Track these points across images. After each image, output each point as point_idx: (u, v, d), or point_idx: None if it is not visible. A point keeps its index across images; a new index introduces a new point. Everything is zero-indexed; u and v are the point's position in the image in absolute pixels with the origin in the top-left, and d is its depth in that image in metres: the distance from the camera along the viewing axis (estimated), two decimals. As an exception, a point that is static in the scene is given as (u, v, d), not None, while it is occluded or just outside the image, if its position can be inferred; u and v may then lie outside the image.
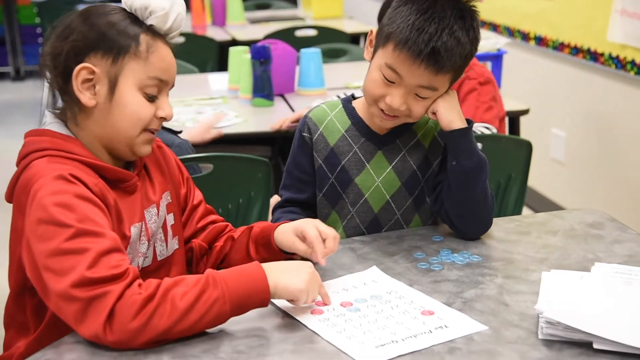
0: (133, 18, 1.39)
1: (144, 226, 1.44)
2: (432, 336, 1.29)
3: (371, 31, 1.65)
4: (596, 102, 3.61)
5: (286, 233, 1.50)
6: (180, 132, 2.26)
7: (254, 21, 5.25)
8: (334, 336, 1.29)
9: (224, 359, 1.23)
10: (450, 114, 1.60)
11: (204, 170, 2.29)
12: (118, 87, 1.37)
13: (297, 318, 1.35)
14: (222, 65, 4.36)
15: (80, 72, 1.35)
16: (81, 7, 1.46)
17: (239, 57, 3.24)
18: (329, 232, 1.46)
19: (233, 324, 1.33)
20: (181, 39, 4.01)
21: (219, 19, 5.16)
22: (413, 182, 1.71)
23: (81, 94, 1.36)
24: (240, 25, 5.13)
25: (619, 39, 3.28)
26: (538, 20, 3.96)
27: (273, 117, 2.97)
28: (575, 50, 3.64)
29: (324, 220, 1.74)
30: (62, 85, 1.38)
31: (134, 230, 1.41)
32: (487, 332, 1.30)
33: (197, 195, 1.63)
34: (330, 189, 1.72)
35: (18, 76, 7.33)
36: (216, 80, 3.55)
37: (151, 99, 1.40)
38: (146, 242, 1.45)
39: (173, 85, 1.45)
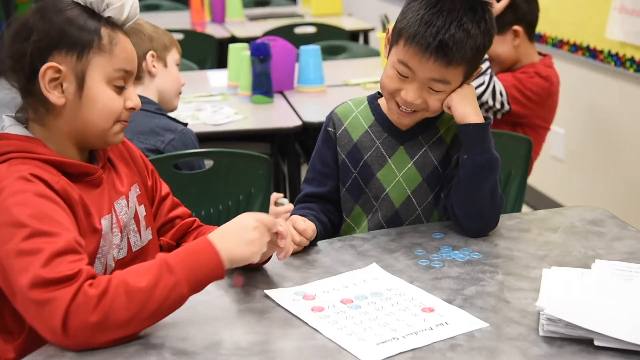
0: (90, 12, 1.38)
1: (114, 217, 1.44)
2: (433, 333, 1.29)
3: (388, 29, 1.67)
4: (595, 100, 3.61)
5: None
6: (186, 124, 2.26)
7: (253, 18, 5.24)
8: (335, 333, 1.29)
9: (225, 355, 1.23)
10: (464, 108, 1.61)
11: (204, 166, 2.29)
12: (86, 83, 1.37)
13: (298, 315, 1.35)
14: (221, 62, 4.35)
15: (46, 72, 1.34)
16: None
17: (239, 54, 3.24)
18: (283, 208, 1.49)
19: (234, 320, 1.33)
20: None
21: (218, 16, 5.15)
22: (434, 177, 1.71)
23: (49, 94, 1.35)
24: (240, 22, 5.13)
25: (618, 36, 3.29)
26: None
27: (272, 114, 2.97)
28: (574, 48, 3.64)
29: (348, 214, 1.77)
30: (26, 86, 1.37)
31: (104, 223, 1.41)
32: (488, 329, 1.30)
33: (164, 187, 1.64)
34: (353, 183, 1.74)
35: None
36: (215, 77, 3.55)
37: (119, 90, 1.41)
38: (119, 233, 1.45)
39: (135, 75, 1.46)
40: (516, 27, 2.66)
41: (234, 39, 4.49)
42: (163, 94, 2.26)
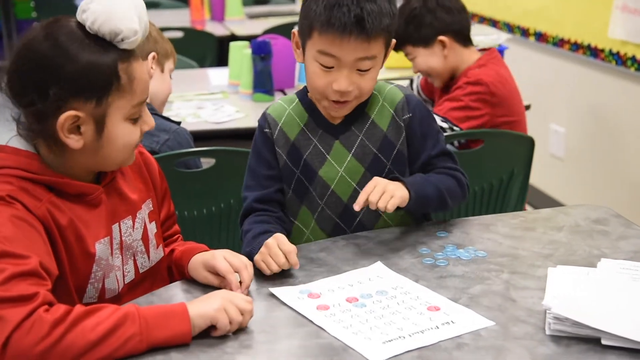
0: (102, 42, 1.31)
1: (113, 240, 1.41)
2: (439, 332, 1.28)
3: (293, 33, 1.66)
4: (596, 98, 3.61)
5: (198, 269, 1.47)
6: (179, 122, 2.25)
7: (252, 16, 5.23)
8: (341, 332, 1.28)
9: (230, 354, 1.23)
10: (398, 193, 1.58)
11: (200, 165, 2.28)
12: (106, 126, 1.33)
13: (303, 314, 1.34)
14: (221, 60, 4.34)
15: (65, 120, 1.29)
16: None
17: (240, 52, 3.23)
18: (239, 263, 1.42)
19: (239, 319, 1.33)
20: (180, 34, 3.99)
21: (218, 14, 5.14)
22: (377, 165, 1.69)
23: (67, 139, 1.31)
24: (239, 20, 5.11)
25: (619, 35, 3.28)
26: (538, 17, 3.96)
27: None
28: (576, 47, 3.64)
29: (295, 217, 1.73)
30: (37, 125, 1.31)
31: (99, 247, 1.37)
32: (494, 328, 1.30)
33: (172, 206, 1.63)
34: (298, 184, 1.71)
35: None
36: (216, 75, 3.54)
37: (136, 120, 1.38)
38: (119, 255, 1.42)
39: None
40: (442, 38, 2.61)
41: (233, 37, 4.47)
42: (153, 97, 2.24)
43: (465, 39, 2.67)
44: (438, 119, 2.51)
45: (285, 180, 1.71)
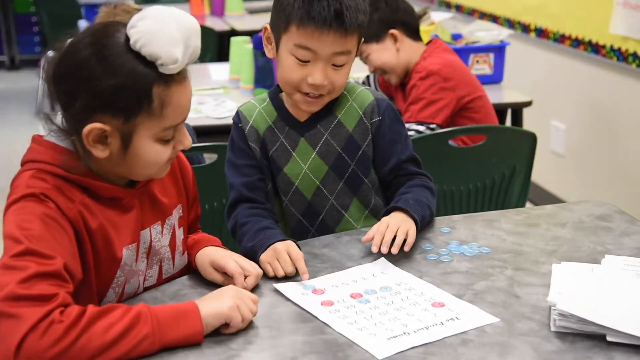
0: (143, 62, 1.26)
1: (139, 246, 1.40)
2: (444, 328, 1.28)
3: (265, 28, 1.65)
4: (597, 95, 3.61)
5: (204, 265, 1.46)
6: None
7: (252, 11, 5.22)
8: (346, 328, 1.28)
9: (236, 350, 1.23)
10: (412, 232, 1.57)
11: (203, 161, 2.28)
12: (132, 143, 1.30)
13: (308, 309, 1.34)
14: (221, 55, 4.33)
15: (90, 132, 1.27)
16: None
17: (241, 48, 3.22)
18: (251, 268, 1.42)
19: (244, 315, 1.32)
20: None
21: (218, 9, 5.13)
22: (340, 164, 1.70)
23: (92, 148, 1.28)
24: (239, 15, 5.11)
25: (621, 31, 3.28)
26: (539, 12, 3.95)
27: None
28: (577, 43, 3.64)
29: (276, 209, 1.73)
30: (68, 124, 1.30)
31: (126, 252, 1.36)
32: (499, 324, 1.29)
33: (199, 210, 1.62)
34: (270, 178, 1.72)
35: (13, 65, 7.28)
36: (217, 71, 3.53)
37: (167, 141, 1.34)
38: (145, 259, 1.41)
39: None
40: (392, 31, 2.63)
41: (233, 32, 4.46)
42: None
43: (414, 33, 2.71)
44: (413, 126, 2.53)
45: (264, 172, 1.71)
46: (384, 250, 1.52)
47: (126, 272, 1.38)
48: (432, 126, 2.53)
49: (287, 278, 1.46)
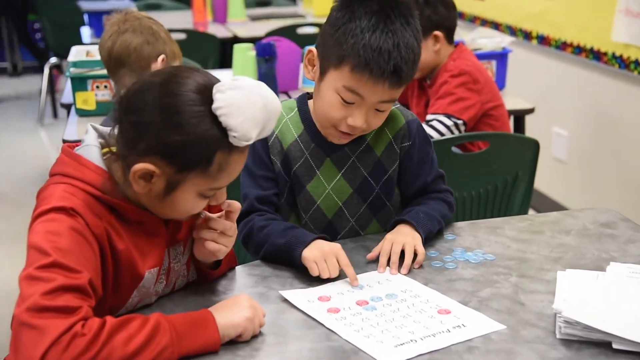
0: (216, 124, 1.24)
1: (161, 269, 1.39)
2: (451, 335, 1.28)
3: (310, 50, 1.61)
4: (599, 102, 3.61)
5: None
6: None
7: (254, 18, 5.23)
8: (353, 335, 1.29)
9: (242, 357, 1.23)
10: (420, 249, 1.56)
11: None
12: (175, 191, 1.29)
13: (314, 316, 1.34)
14: (223, 62, 4.34)
15: (140, 169, 1.26)
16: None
17: (244, 55, 3.22)
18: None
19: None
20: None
21: (220, 16, 5.14)
22: (365, 188, 1.68)
23: (135, 182, 1.27)
24: (242, 22, 5.11)
25: (623, 38, 3.29)
26: (541, 20, 3.96)
27: (278, 115, 2.95)
28: (578, 50, 3.65)
29: None
30: (123, 151, 1.28)
31: (147, 276, 1.36)
32: (504, 332, 1.30)
33: None
34: (289, 192, 1.69)
35: (15, 72, 7.30)
36: (220, 77, 3.53)
37: (207, 197, 1.33)
38: (164, 281, 1.41)
39: None
40: (437, 33, 2.67)
41: (236, 39, 4.47)
42: None
43: (452, 37, 2.76)
44: (440, 117, 2.58)
45: (280, 188, 1.69)
46: (393, 272, 1.51)
47: (142, 293, 1.38)
48: (459, 122, 2.59)
49: (292, 281, 1.47)
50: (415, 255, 1.54)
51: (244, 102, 1.24)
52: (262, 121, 1.26)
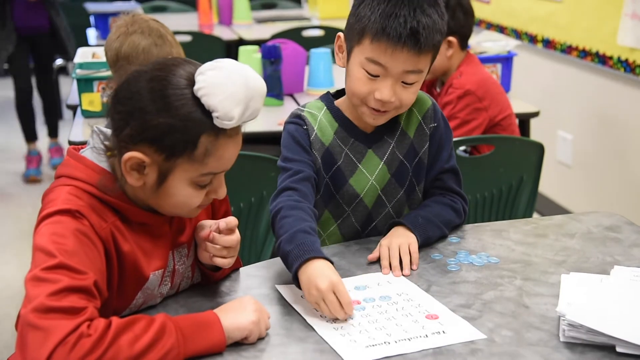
0: (200, 108, 1.26)
1: (166, 271, 1.40)
2: (427, 340, 1.28)
3: (338, 36, 1.63)
4: (604, 105, 3.61)
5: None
6: None
7: (260, 21, 5.24)
8: (329, 332, 1.30)
9: (246, 357, 1.23)
10: (413, 247, 1.57)
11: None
12: (167, 180, 1.30)
13: (299, 311, 1.36)
14: (229, 64, 4.35)
15: (130, 158, 1.27)
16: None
17: (249, 57, 3.23)
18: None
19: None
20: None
21: (226, 18, 5.16)
22: (401, 172, 1.70)
23: (128, 175, 1.29)
24: (247, 24, 5.13)
25: (629, 42, 3.28)
26: (546, 23, 3.96)
27: (283, 116, 2.96)
28: (584, 54, 3.64)
29: (317, 220, 1.63)
30: (114, 146, 1.30)
31: (151, 278, 1.37)
32: (508, 334, 1.30)
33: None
34: (325, 189, 1.69)
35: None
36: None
37: (202, 187, 1.34)
38: (169, 282, 1.41)
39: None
40: (451, 38, 2.65)
41: (241, 41, 4.49)
42: None
43: (466, 44, 2.75)
44: None
45: (317, 182, 1.67)
46: (397, 275, 1.52)
47: (146, 295, 1.38)
48: (462, 147, 2.57)
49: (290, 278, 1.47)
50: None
51: (223, 81, 1.25)
52: (244, 99, 1.26)
